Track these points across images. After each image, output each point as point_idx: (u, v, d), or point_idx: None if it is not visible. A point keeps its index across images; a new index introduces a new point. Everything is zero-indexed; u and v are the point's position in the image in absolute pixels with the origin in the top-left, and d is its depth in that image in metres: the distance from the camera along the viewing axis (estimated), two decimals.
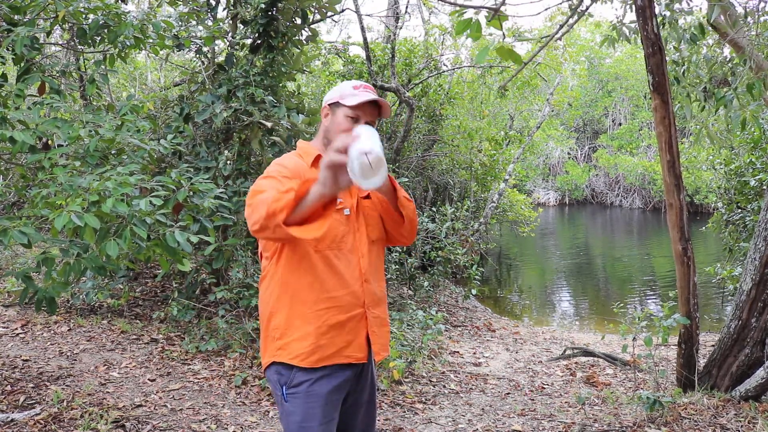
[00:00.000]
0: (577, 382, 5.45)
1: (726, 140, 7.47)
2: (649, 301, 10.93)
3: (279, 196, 1.76)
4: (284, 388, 2.03)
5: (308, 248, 2.00)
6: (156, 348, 5.12)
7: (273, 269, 2.06)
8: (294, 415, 2.02)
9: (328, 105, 2.10)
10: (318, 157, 2.08)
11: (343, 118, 2.06)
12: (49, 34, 4.41)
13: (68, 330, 5.34)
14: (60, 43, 7.53)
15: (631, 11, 5.38)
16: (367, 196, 2.15)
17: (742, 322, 4.30)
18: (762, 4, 4.97)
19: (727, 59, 5.36)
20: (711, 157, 9.77)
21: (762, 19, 5.00)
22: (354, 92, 2.06)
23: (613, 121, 30.40)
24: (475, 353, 6.52)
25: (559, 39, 5.92)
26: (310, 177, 1.97)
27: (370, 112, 2.07)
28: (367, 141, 1.76)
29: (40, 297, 3.20)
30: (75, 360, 4.70)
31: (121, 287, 6.28)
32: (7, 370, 4.31)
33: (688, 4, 5.05)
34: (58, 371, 4.40)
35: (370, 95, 2.06)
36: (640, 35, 4.28)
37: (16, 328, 5.25)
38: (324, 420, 2.02)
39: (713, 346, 4.64)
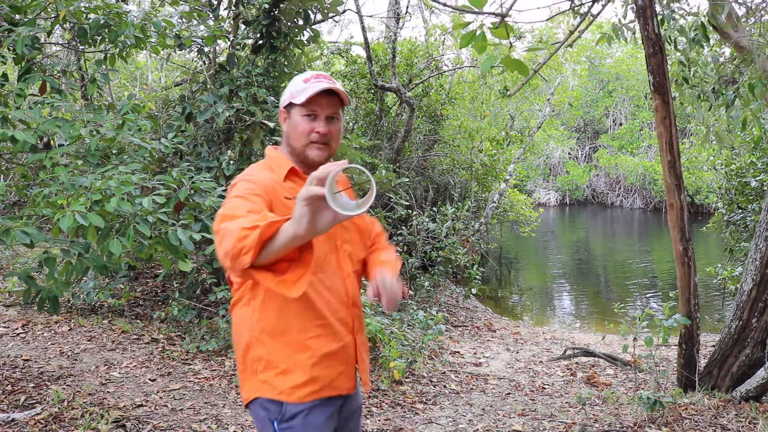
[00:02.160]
0: (577, 382, 5.45)
1: (728, 140, 7.47)
2: (649, 301, 10.93)
3: (244, 233, 1.44)
4: (275, 423, 1.80)
5: None
6: (156, 348, 5.12)
7: (249, 294, 1.83)
8: None
9: (284, 108, 1.89)
10: (292, 171, 1.86)
11: (300, 119, 1.83)
12: (50, 33, 4.41)
13: (69, 330, 5.35)
14: (61, 42, 7.54)
15: (632, 11, 5.37)
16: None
17: (742, 322, 4.30)
18: (763, 4, 4.97)
19: (733, 59, 5.35)
20: (712, 158, 9.77)
21: (763, 18, 5.00)
22: (304, 86, 1.81)
23: (613, 121, 30.39)
24: (475, 353, 6.52)
25: (570, 46, 5.91)
26: (282, 199, 1.76)
27: (327, 103, 1.83)
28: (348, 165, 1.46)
29: (42, 296, 3.21)
30: (75, 360, 4.70)
31: (122, 287, 6.28)
32: (7, 370, 4.31)
33: (688, 4, 5.05)
34: (59, 371, 4.40)
35: (321, 84, 1.80)
36: (640, 35, 4.28)
37: (17, 328, 5.26)
38: None
39: (714, 346, 4.64)
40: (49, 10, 4.14)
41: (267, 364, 1.80)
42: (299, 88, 1.82)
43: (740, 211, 7.96)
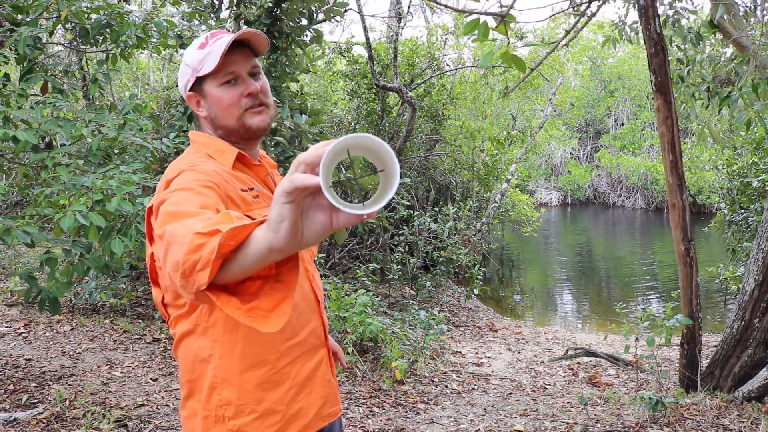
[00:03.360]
0: (579, 382, 5.45)
1: (728, 140, 7.46)
2: (651, 301, 10.92)
3: (199, 240, 0.98)
4: None
5: None
6: (158, 347, 5.12)
7: (205, 322, 1.41)
8: None
9: (191, 91, 1.50)
10: (241, 157, 1.51)
11: (220, 90, 1.47)
12: (51, 33, 4.42)
13: (71, 329, 5.35)
14: (63, 42, 7.55)
15: (634, 9, 5.37)
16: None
17: (744, 322, 4.29)
18: (766, 3, 4.97)
19: (731, 58, 5.35)
20: (714, 158, 9.77)
21: (766, 18, 5.00)
22: (205, 52, 1.45)
23: (615, 121, 30.38)
24: (477, 353, 6.52)
25: (566, 45, 5.93)
26: (238, 192, 1.40)
27: (242, 58, 1.47)
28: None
29: (43, 297, 3.21)
30: (77, 359, 4.71)
31: (124, 287, 6.29)
32: (9, 370, 4.31)
33: (692, 3, 5.05)
34: (61, 370, 4.40)
35: (226, 38, 1.43)
36: (642, 35, 4.28)
37: (19, 328, 5.26)
38: None
39: (716, 346, 4.64)
40: (51, 10, 4.15)
41: (239, 409, 1.43)
42: (200, 56, 1.45)
43: (742, 211, 7.95)
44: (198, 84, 1.48)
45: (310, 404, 1.51)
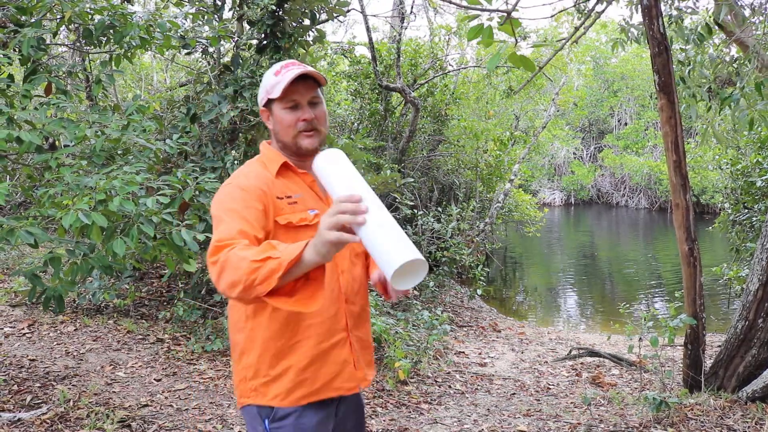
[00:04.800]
0: (582, 382, 5.44)
1: (732, 140, 7.45)
2: (655, 301, 10.90)
3: (255, 266, 1.45)
4: (267, 421, 1.82)
5: None
6: (162, 348, 5.13)
7: None
8: None
9: (263, 107, 1.88)
10: (285, 166, 1.86)
11: (283, 112, 1.82)
12: (55, 34, 4.43)
13: (74, 330, 5.36)
14: (66, 43, 7.56)
15: (637, 11, 5.36)
16: None
17: (748, 322, 4.28)
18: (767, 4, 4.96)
19: (733, 59, 5.34)
20: (717, 157, 9.75)
21: None
22: (277, 79, 1.81)
23: (618, 121, 30.33)
24: (480, 353, 6.51)
25: (575, 42, 5.92)
26: (274, 200, 1.75)
27: (304, 89, 1.81)
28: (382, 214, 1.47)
29: (48, 295, 3.22)
30: (81, 360, 4.72)
31: (127, 287, 6.30)
32: (13, 370, 4.33)
33: (695, 4, 5.04)
34: (65, 371, 4.41)
35: (293, 71, 1.78)
36: (646, 35, 4.27)
37: (23, 328, 5.28)
38: None
39: (720, 346, 4.63)
40: (55, 11, 4.16)
41: (256, 372, 1.80)
42: (273, 82, 1.81)
43: (746, 210, 7.93)
44: (269, 103, 1.84)
45: (317, 377, 1.81)
